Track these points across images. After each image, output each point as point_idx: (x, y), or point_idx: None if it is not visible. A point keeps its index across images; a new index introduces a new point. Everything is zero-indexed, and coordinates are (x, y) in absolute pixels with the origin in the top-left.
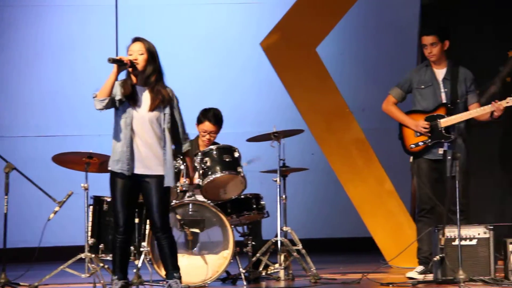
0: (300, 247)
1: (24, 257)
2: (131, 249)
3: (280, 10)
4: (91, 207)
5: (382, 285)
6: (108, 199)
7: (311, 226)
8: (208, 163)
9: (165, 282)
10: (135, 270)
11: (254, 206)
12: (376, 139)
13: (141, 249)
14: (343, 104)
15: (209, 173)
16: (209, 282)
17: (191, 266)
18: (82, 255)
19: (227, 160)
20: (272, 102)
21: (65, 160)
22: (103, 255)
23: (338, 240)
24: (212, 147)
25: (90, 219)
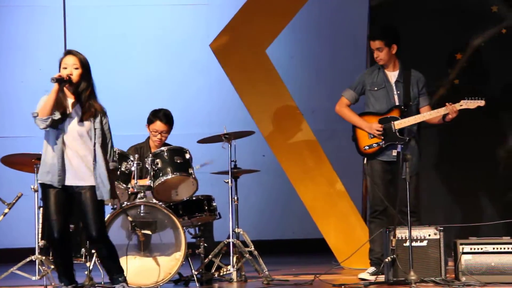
0: (252, 249)
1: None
2: (72, 253)
3: (229, 12)
4: (41, 208)
5: (334, 286)
6: None
7: (263, 227)
8: (159, 165)
9: None
10: (86, 272)
11: (206, 208)
12: (326, 140)
13: (93, 251)
14: (293, 106)
15: (160, 174)
16: (161, 284)
17: (143, 268)
18: (33, 257)
19: (178, 161)
20: (223, 103)
21: (14, 161)
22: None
23: (290, 242)
24: (163, 148)
25: (40, 221)
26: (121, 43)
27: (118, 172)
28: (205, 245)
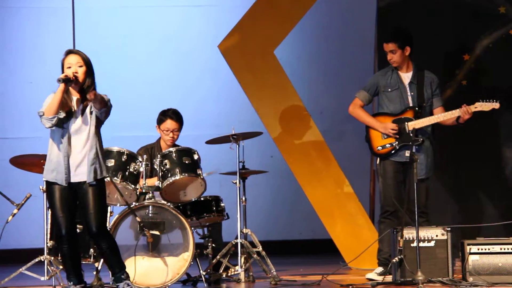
0: (260, 249)
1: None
2: (80, 253)
3: (238, 13)
4: (49, 209)
5: (342, 286)
6: None
7: (271, 228)
8: (168, 165)
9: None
10: (95, 272)
11: (214, 208)
12: (334, 141)
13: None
14: (301, 107)
15: (169, 175)
16: (169, 284)
17: (151, 268)
18: (41, 258)
19: (186, 162)
20: (231, 104)
21: (23, 162)
22: (62, 255)
23: (298, 242)
24: (171, 149)
25: (49, 221)
26: (130, 44)
27: (127, 173)
28: (213, 245)
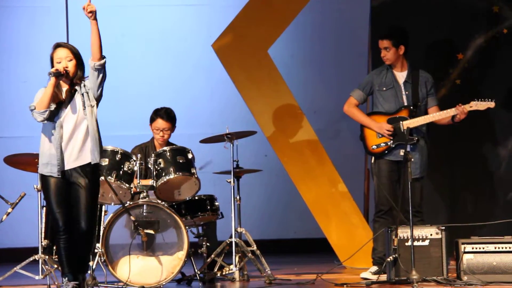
0: (254, 248)
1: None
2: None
3: (232, 12)
4: (44, 208)
5: (337, 285)
6: None
7: (266, 227)
8: (162, 165)
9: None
10: (89, 272)
11: (208, 207)
12: (328, 140)
13: (96, 251)
14: (295, 106)
15: (163, 174)
16: (164, 283)
17: (146, 267)
18: (36, 257)
19: (180, 161)
20: (225, 103)
21: (17, 161)
22: (57, 256)
23: (292, 241)
24: (165, 148)
25: (43, 220)
26: (123, 43)
27: (121, 172)
28: (208, 244)
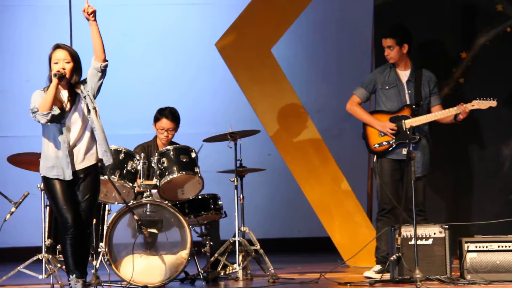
0: (258, 247)
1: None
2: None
3: (235, 11)
4: (47, 207)
5: (340, 284)
6: None
7: (269, 226)
8: (165, 164)
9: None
10: (93, 271)
11: (212, 206)
12: (331, 139)
13: (99, 250)
14: (299, 105)
15: (166, 173)
16: (167, 282)
17: (149, 266)
18: (40, 256)
19: (184, 160)
20: (228, 102)
21: (21, 160)
22: (60, 255)
23: (296, 240)
24: (169, 147)
25: (47, 219)
26: (127, 42)
27: (124, 171)
28: (211, 243)
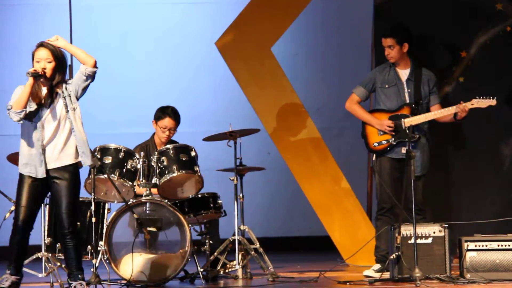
0: (257, 246)
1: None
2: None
3: (236, 10)
4: (47, 206)
5: (340, 283)
6: None
7: (269, 225)
8: (165, 162)
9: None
10: (92, 270)
11: (212, 205)
12: (331, 138)
13: (99, 248)
14: (299, 104)
15: (166, 172)
16: (167, 281)
17: (149, 265)
18: (39, 255)
19: (184, 159)
20: (228, 101)
21: None
22: (60, 254)
23: (296, 239)
24: (168, 146)
25: (46, 218)
26: (127, 41)
27: (124, 170)
28: (211, 242)
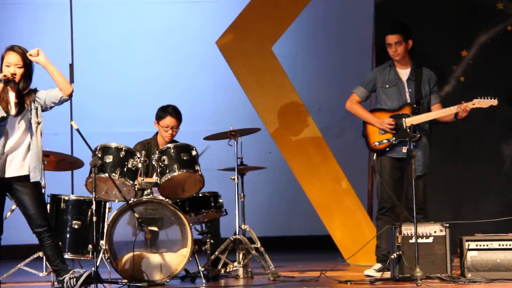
0: (258, 245)
1: None
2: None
3: (236, 9)
4: (48, 205)
5: (340, 282)
6: (66, 197)
7: (270, 224)
8: (166, 162)
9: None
10: (93, 268)
11: (212, 204)
12: (332, 137)
13: (100, 247)
14: (299, 103)
15: (167, 171)
16: (168, 280)
17: (150, 264)
18: (40, 254)
19: (184, 158)
20: (229, 100)
21: None
22: None
23: (297, 238)
24: (169, 145)
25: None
26: (128, 40)
27: (125, 169)
28: (212, 241)
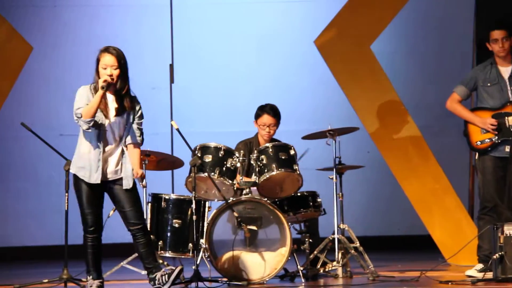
0: (357, 245)
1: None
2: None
3: (335, 8)
4: (149, 204)
5: (441, 283)
6: (167, 197)
7: (368, 223)
8: (264, 161)
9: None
10: (194, 267)
11: (311, 204)
12: (431, 136)
13: (200, 246)
14: (398, 101)
15: (265, 170)
16: (267, 279)
17: (249, 263)
18: None
19: (283, 157)
20: (328, 99)
21: None
22: (162, 251)
23: (396, 238)
24: (268, 144)
25: (148, 216)
26: (228, 41)
27: (224, 168)
28: (310, 240)
